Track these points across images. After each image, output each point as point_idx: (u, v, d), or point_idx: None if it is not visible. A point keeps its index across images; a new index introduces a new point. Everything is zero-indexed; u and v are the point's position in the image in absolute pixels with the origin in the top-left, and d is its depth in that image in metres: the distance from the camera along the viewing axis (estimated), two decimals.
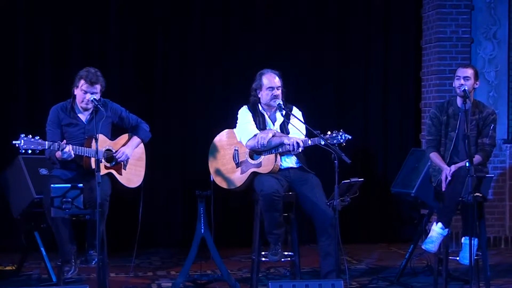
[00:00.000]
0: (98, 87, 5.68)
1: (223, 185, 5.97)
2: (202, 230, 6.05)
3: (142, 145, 6.00)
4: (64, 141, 5.56)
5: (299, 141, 5.69)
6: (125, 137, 5.94)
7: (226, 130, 6.06)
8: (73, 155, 5.50)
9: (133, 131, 5.95)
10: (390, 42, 8.22)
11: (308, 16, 8.01)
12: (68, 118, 5.75)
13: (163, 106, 7.81)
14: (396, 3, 8.21)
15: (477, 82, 6.05)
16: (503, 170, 7.99)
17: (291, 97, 6.07)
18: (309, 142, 5.70)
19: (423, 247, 5.86)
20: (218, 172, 5.99)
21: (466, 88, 5.89)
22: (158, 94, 7.82)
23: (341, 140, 5.57)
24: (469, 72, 5.99)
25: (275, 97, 5.86)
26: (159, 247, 7.69)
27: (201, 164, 6.24)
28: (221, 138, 6.05)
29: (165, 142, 7.72)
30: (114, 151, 5.80)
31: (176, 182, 7.82)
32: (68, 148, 5.46)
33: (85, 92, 5.67)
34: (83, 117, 5.78)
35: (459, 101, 6.03)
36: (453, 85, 6.06)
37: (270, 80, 5.88)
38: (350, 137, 5.60)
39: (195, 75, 7.85)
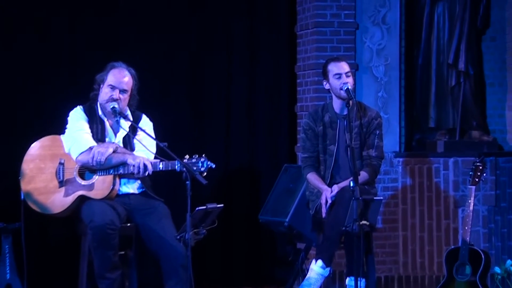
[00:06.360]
0: None
1: (36, 208, 5.78)
2: (8, 275, 6.03)
3: None
4: None
5: (147, 163, 5.58)
6: None
7: (48, 137, 5.88)
8: None
9: None
10: (257, 28, 8.02)
11: None
12: None
13: None
14: None
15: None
16: (395, 191, 7.80)
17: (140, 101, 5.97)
18: (160, 166, 5.62)
19: None
20: (33, 191, 5.78)
21: (349, 87, 5.94)
22: None
23: (202, 169, 5.51)
24: (347, 66, 6.07)
25: (112, 100, 5.73)
26: None
27: (10, 182, 6.07)
28: (42, 145, 5.87)
29: None
30: None
31: None
32: None
33: None
34: None
35: (336, 104, 6.08)
36: (329, 86, 6.09)
37: (116, 78, 5.77)
38: (213, 166, 5.56)
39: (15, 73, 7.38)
